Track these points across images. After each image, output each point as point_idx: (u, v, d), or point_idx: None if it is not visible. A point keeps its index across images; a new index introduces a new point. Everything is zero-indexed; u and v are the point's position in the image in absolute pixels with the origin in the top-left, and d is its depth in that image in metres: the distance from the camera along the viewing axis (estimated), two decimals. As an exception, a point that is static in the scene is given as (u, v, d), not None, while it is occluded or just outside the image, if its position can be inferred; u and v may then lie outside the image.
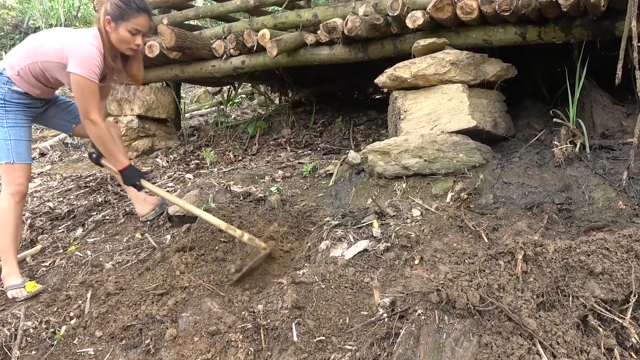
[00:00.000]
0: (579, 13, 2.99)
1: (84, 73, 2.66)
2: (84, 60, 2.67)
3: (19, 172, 2.80)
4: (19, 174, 2.80)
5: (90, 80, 2.69)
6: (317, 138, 4.84)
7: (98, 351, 2.33)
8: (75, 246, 3.21)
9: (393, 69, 3.29)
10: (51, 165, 5.30)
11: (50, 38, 2.81)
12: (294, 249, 2.83)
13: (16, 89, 2.78)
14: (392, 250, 2.49)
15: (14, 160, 2.78)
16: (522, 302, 1.72)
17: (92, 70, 2.68)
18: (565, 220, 2.56)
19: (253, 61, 4.29)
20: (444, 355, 1.65)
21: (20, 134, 2.82)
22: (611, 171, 2.76)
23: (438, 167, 3.02)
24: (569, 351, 1.59)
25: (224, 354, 2.10)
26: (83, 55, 2.67)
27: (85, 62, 2.67)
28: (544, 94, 3.97)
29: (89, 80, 2.68)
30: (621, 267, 1.78)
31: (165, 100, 5.05)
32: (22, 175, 2.82)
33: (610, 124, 3.27)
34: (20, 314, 2.56)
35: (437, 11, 3.22)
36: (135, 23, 2.71)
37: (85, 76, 2.67)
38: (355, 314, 2.10)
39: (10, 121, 2.79)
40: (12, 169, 2.78)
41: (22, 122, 2.85)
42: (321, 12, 4.05)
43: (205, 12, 4.92)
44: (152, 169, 4.52)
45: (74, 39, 2.73)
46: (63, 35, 2.81)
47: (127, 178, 2.94)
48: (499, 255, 1.93)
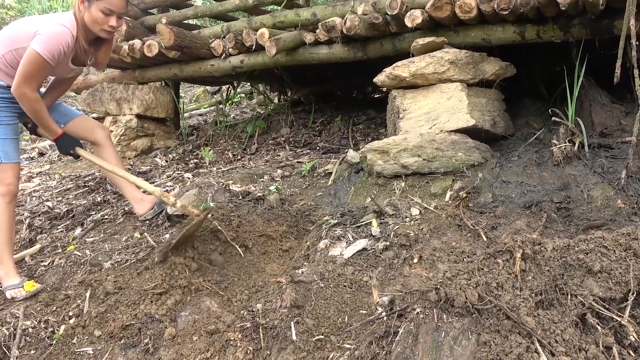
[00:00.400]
0: (578, 12, 3.00)
1: (41, 50, 2.55)
2: (48, 39, 2.56)
3: (8, 172, 2.76)
4: (9, 174, 2.76)
5: (44, 59, 2.57)
6: (316, 137, 4.84)
7: (97, 350, 2.33)
8: (74, 246, 3.21)
9: (392, 68, 3.29)
10: (50, 165, 5.29)
11: (23, 24, 2.73)
12: (292, 248, 2.84)
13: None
14: (391, 249, 2.49)
15: (2, 160, 2.73)
16: (521, 301, 1.72)
17: (50, 50, 2.57)
18: (564, 218, 2.56)
19: (252, 60, 4.28)
20: (443, 353, 1.65)
21: (7, 132, 2.77)
22: (610, 170, 2.76)
23: (437, 166, 3.02)
24: (567, 349, 1.59)
25: (223, 353, 2.10)
26: (49, 34, 2.57)
27: (48, 41, 2.56)
28: (543, 92, 3.98)
29: (43, 59, 2.57)
30: (619, 265, 1.78)
31: (164, 99, 5.05)
32: (12, 175, 2.77)
33: (609, 122, 3.27)
34: (19, 314, 2.56)
35: (436, 10, 3.22)
36: (108, 2, 2.59)
37: (42, 54, 2.55)
38: (354, 312, 2.11)
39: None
40: (2, 169, 2.74)
41: (8, 119, 2.79)
42: (320, 11, 4.05)
43: (204, 12, 4.92)
44: (151, 168, 4.51)
45: (47, 20, 2.65)
46: (37, 19, 2.72)
47: (62, 146, 2.92)
48: (498, 254, 1.93)
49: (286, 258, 2.80)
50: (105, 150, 3.24)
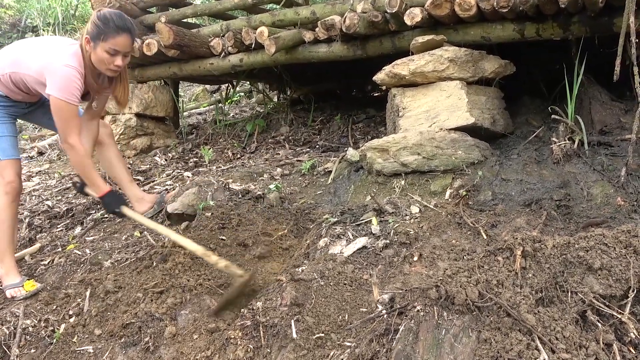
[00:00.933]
0: (577, 9, 2.99)
1: (62, 96, 2.59)
2: (61, 82, 2.59)
3: (8, 169, 2.77)
4: (9, 171, 2.77)
5: (69, 103, 2.61)
6: (315, 136, 4.83)
7: (97, 349, 2.33)
8: (74, 244, 3.21)
9: (391, 66, 3.28)
10: (49, 164, 5.29)
11: (32, 51, 2.72)
12: (292, 247, 2.84)
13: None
14: (391, 247, 2.49)
15: (1, 157, 2.75)
16: (521, 298, 1.73)
17: (70, 92, 2.60)
18: (564, 216, 2.56)
19: (251, 59, 4.28)
20: (443, 351, 1.65)
21: (3, 130, 2.78)
22: (609, 167, 2.77)
23: (437, 164, 3.02)
24: (567, 346, 1.60)
25: (223, 351, 2.10)
26: (60, 77, 2.59)
27: (62, 84, 2.59)
28: (543, 90, 3.97)
29: (66, 102, 2.60)
30: (620, 262, 1.79)
31: (164, 98, 5.04)
32: (12, 172, 2.78)
33: (609, 120, 3.27)
34: (19, 313, 2.56)
35: (435, 8, 3.22)
36: (113, 43, 2.60)
37: (63, 99, 2.59)
38: (355, 310, 2.11)
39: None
40: (1, 166, 2.75)
41: (4, 118, 2.80)
42: (319, 10, 4.04)
43: (203, 10, 4.91)
44: (150, 167, 4.51)
45: (53, 57, 2.64)
46: (44, 50, 2.70)
47: (107, 205, 2.84)
48: (498, 252, 1.93)
49: (286, 256, 2.80)
50: (108, 148, 3.26)
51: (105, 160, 3.30)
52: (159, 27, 3.99)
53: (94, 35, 2.60)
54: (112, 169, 3.30)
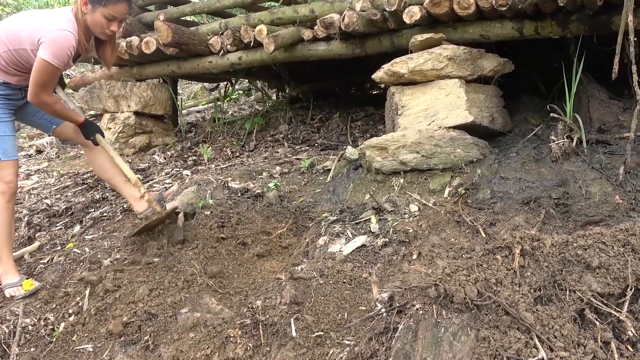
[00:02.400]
0: (576, 8, 3.00)
1: (52, 59, 2.60)
2: (54, 46, 2.60)
3: (7, 169, 2.76)
4: (8, 171, 2.76)
5: (55, 67, 2.63)
6: (314, 134, 4.83)
7: (97, 347, 2.33)
8: (73, 243, 3.21)
9: (390, 65, 3.29)
10: (48, 163, 5.29)
11: (21, 24, 2.73)
12: (292, 245, 2.84)
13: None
14: (390, 245, 2.50)
15: (1, 158, 2.74)
16: (520, 296, 1.73)
17: (61, 57, 2.62)
18: (563, 214, 2.57)
19: (250, 57, 4.28)
20: (442, 349, 1.66)
21: (5, 130, 2.78)
22: (608, 166, 2.77)
23: (435, 163, 3.03)
24: (565, 344, 1.60)
25: (222, 349, 2.10)
26: (54, 41, 2.60)
27: (55, 48, 2.60)
28: (541, 89, 3.98)
29: (54, 66, 2.62)
30: (618, 261, 1.79)
31: (162, 96, 5.03)
32: (11, 172, 2.78)
33: (607, 118, 3.28)
34: (18, 311, 2.56)
35: (434, 6, 3.22)
36: (112, 10, 2.66)
37: (52, 62, 2.60)
38: (354, 309, 2.11)
39: None
40: (1, 166, 2.74)
41: (5, 117, 2.80)
42: (318, 8, 4.04)
43: (201, 8, 4.91)
44: (149, 165, 4.51)
45: (47, 23, 2.65)
46: (36, 19, 2.73)
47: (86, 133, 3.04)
48: (497, 250, 1.94)
49: (285, 255, 2.80)
50: (98, 151, 3.19)
51: (96, 164, 3.25)
52: (158, 25, 3.99)
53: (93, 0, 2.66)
54: (104, 172, 3.24)
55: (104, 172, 3.26)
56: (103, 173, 3.28)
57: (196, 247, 2.81)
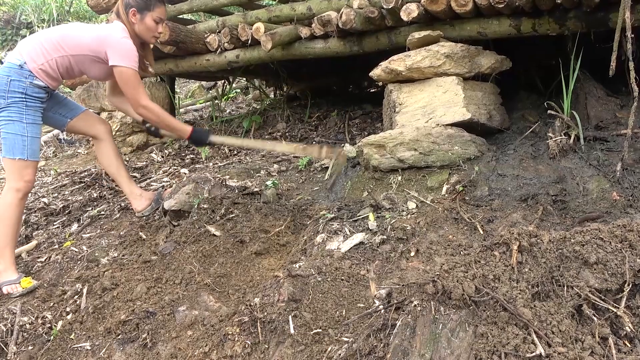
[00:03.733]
0: (573, 5, 3.00)
1: (129, 64, 2.83)
2: (126, 52, 2.83)
3: (29, 169, 2.84)
4: (29, 171, 2.84)
5: (135, 71, 2.86)
6: (312, 132, 4.83)
7: (95, 346, 2.33)
8: (70, 242, 3.21)
9: (388, 62, 3.28)
10: (45, 161, 5.28)
11: (80, 31, 2.90)
12: (290, 243, 2.84)
13: (38, 82, 2.81)
14: (388, 242, 2.50)
15: (28, 157, 2.81)
16: (517, 292, 1.73)
17: (134, 60, 2.85)
18: (560, 211, 2.57)
19: (247, 55, 4.27)
20: (440, 345, 1.66)
21: (36, 132, 2.86)
22: (605, 162, 2.78)
23: (433, 160, 3.03)
24: (563, 340, 1.61)
25: (221, 347, 2.11)
26: (124, 48, 2.83)
27: (127, 54, 2.83)
28: (539, 86, 3.98)
29: (133, 70, 2.85)
30: (615, 256, 1.80)
31: (160, 95, 5.03)
32: (31, 172, 2.86)
33: (605, 115, 3.28)
34: (16, 310, 2.56)
35: (431, 4, 3.21)
36: (159, 12, 2.95)
37: (132, 67, 2.83)
38: (352, 306, 2.11)
39: (30, 117, 2.81)
40: (25, 165, 2.81)
41: (39, 119, 2.89)
42: (315, 5, 4.03)
43: (199, 6, 4.88)
44: (147, 164, 4.50)
45: (110, 32, 2.86)
46: (93, 29, 2.92)
47: (197, 141, 3.13)
48: (494, 246, 1.94)
49: (283, 252, 2.80)
50: (106, 145, 3.30)
51: (104, 157, 3.32)
52: (155, 23, 3.97)
53: (141, 7, 2.91)
54: (110, 166, 3.32)
55: (110, 165, 3.34)
56: (109, 166, 3.36)
57: (194, 245, 2.81)
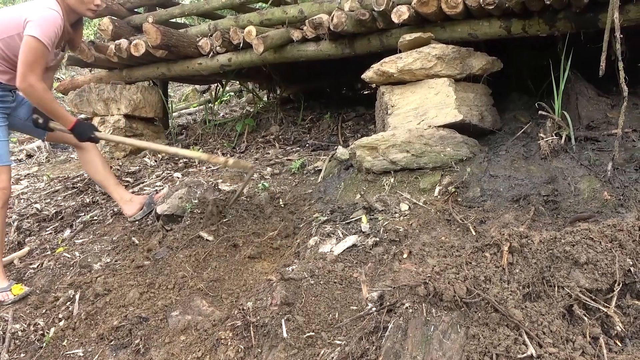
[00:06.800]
0: (563, 6, 3.01)
1: (40, 36, 2.56)
2: (43, 23, 2.57)
3: (2, 175, 2.75)
4: (2, 177, 2.76)
5: (44, 44, 2.58)
6: (305, 134, 4.83)
7: (87, 352, 2.32)
8: (63, 247, 3.19)
9: (379, 64, 3.29)
10: (38, 167, 5.25)
11: (6, 13, 2.73)
12: (283, 246, 2.84)
13: None
14: (380, 244, 2.50)
15: None
16: (508, 293, 1.74)
17: (48, 35, 2.59)
18: (552, 211, 2.58)
19: (240, 58, 4.27)
20: (432, 347, 1.66)
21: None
22: (596, 162, 2.79)
23: (425, 162, 3.03)
24: (554, 341, 1.61)
25: (214, 352, 2.10)
26: (43, 18, 2.58)
27: (43, 25, 2.57)
28: (530, 87, 4.00)
29: (42, 44, 2.58)
30: (605, 256, 1.80)
31: (153, 99, 5.02)
32: (5, 179, 2.77)
33: (595, 115, 3.30)
34: (8, 317, 2.55)
35: (422, 5, 3.22)
36: None
37: (40, 39, 2.56)
38: (345, 309, 2.11)
39: None
40: None
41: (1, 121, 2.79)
42: (307, 8, 4.03)
43: (190, 10, 4.89)
44: (140, 168, 4.49)
45: (34, 5, 2.66)
46: (18, 7, 2.73)
47: (80, 134, 2.92)
48: (486, 248, 1.95)
49: (277, 256, 2.80)
50: (89, 152, 3.21)
51: (89, 166, 3.26)
52: (147, 28, 3.97)
53: None
54: (97, 174, 3.26)
55: (96, 173, 3.27)
56: (96, 174, 3.29)
57: (187, 249, 2.80)
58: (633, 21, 2.91)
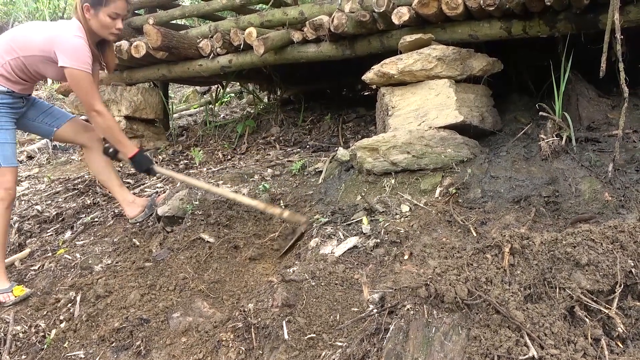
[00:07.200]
0: (563, 7, 3.01)
1: (79, 66, 2.69)
2: (75, 52, 2.69)
3: (7, 175, 2.78)
4: (8, 178, 2.79)
5: (86, 72, 2.72)
6: (306, 136, 4.83)
7: (89, 354, 2.32)
8: (64, 249, 3.19)
9: (380, 66, 3.29)
10: (39, 168, 5.26)
11: (30, 31, 2.79)
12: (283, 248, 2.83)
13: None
14: (381, 246, 2.50)
15: (1, 164, 2.76)
16: (510, 295, 1.74)
17: (85, 61, 2.71)
18: (553, 212, 2.58)
19: (240, 60, 4.27)
20: (433, 349, 1.66)
21: (6, 137, 2.80)
22: (597, 163, 2.79)
23: (426, 163, 3.03)
24: (556, 342, 1.61)
25: (215, 353, 2.10)
26: (73, 48, 2.70)
27: (76, 55, 2.69)
28: (530, 88, 4.00)
29: (84, 72, 2.71)
30: (607, 258, 1.80)
31: (153, 100, 5.02)
32: (11, 179, 2.80)
33: (596, 116, 3.30)
34: (9, 319, 2.55)
35: (422, 7, 3.22)
36: (115, 7, 2.76)
37: (81, 69, 2.70)
38: (346, 310, 2.11)
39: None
40: (1, 173, 2.76)
41: (7, 124, 2.82)
42: (307, 10, 4.04)
43: (191, 11, 4.89)
44: (141, 170, 4.49)
45: (59, 31, 2.74)
46: (45, 28, 2.80)
47: (138, 164, 3.01)
48: (487, 249, 1.94)
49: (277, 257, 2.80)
50: (94, 153, 3.24)
51: (94, 165, 3.29)
52: (147, 29, 3.97)
53: (94, 2, 2.73)
54: (101, 173, 3.29)
55: (101, 173, 3.31)
56: (100, 174, 3.33)
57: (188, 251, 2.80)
58: (633, 22, 2.91)
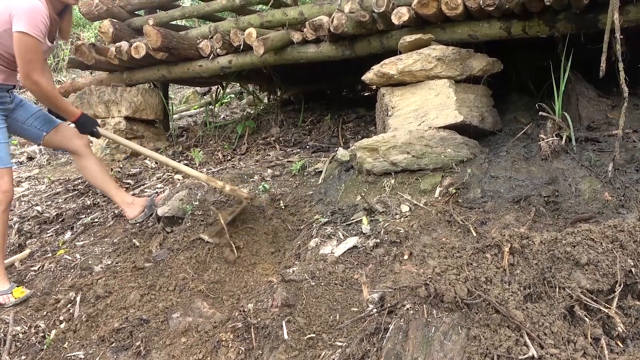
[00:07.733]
0: (563, 7, 3.01)
1: (30, 30, 2.51)
2: (29, 16, 2.52)
3: (4, 177, 2.74)
4: (3, 180, 2.74)
5: (36, 38, 2.55)
6: (306, 136, 4.83)
7: (88, 354, 2.32)
8: (64, 250, 3.19)
9: (380, 66, 3.29)
10: (39, 169, 5.26)
11: None
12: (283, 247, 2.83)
13: None
14: (381, 246, 2.50)
15: None
16: (509, 294, 1.74)
17: (38, 27, 2.54)
18: (553, 212, 2.58)
19: (240, 60, 4.27)
20: (433, 349, 1.66)
21: None
22: (597, 163, 2.79)
23: (426, 163, 3.03)
24: (556, 342, 1.61)
25: (214, 353, 2.10)
26: (28, 11, 2.53)
27: (30, 19, 2.52)
28: (530, 88, 3.99)
29: (34, 38, 2.54)
30: (606, 257, 1.80)
31: (153, 101, 5.02)
32: (7, 181, 2.76)
33: (596, 116, 3.30)
34: (9, 319, 2.55)
35: (422, 7, 3.22)
36: None
37: (31, 34, 2.52)
38: (345, 310, 2.11)
39: None
40: None
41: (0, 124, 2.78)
42: (307, 10, 4.04)
43: (191, 12, 4.89)
44: (140, 170, 4.49)
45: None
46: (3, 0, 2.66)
47: (83, 126, 3.00)
48: (486, 249, 1.94)
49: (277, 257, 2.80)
50: (87, 159, 3.19)
51: (87, 172, 3.24)
52: (147, 30, 3.98)
53: None
54: (95, 179, 3.24)
55: (95, 179, 3.25)
56: (95, 180, 3.27)
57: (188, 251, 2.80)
58: (633, 22, 2.91)
